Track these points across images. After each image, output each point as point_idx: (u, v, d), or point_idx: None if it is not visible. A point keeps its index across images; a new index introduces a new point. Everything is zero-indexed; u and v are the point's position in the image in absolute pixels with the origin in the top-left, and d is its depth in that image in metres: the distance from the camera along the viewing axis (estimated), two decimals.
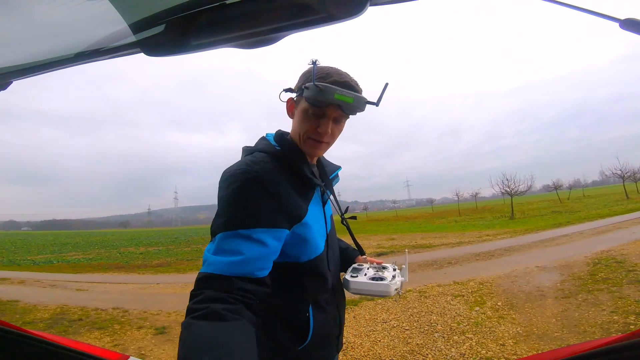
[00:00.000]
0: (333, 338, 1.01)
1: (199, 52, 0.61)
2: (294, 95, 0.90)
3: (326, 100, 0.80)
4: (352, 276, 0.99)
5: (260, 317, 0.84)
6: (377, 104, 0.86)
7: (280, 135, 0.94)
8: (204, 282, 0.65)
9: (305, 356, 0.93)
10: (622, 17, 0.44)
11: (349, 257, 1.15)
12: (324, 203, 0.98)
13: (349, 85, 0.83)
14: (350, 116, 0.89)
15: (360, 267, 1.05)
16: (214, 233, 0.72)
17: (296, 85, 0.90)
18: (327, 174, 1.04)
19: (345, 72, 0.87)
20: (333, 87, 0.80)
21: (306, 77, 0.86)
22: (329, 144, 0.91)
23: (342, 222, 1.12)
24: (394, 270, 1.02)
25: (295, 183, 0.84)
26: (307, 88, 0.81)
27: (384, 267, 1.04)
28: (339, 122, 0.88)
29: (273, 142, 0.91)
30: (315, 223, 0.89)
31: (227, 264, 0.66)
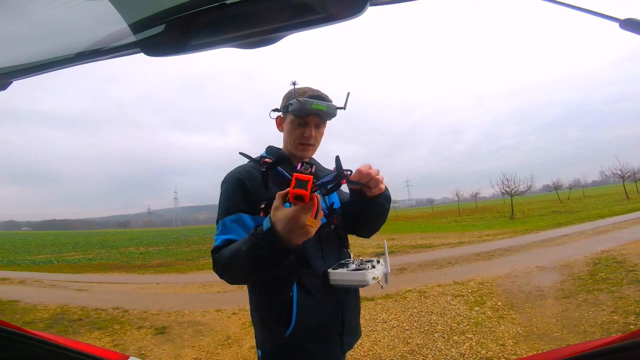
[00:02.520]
0: (333, 334, 1.03)
1: (199, 52, 0.61)
2: (280, 113, 1.14)
3: (307, 110, 1.03)
4: (333, 269, 1.03)
5: (257, 303, 1.04)
6: (344, 107, 1.09)
7: (270, 148, 1.19)
8: (216, 249, 0.98)
9: (297, 347, 0.96)
10: (622, 17, 0.44)
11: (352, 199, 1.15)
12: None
13: (322, 97, 1.07)
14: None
15: (346, 262, 1.09)
16: (217, 221, 1.01)
17: (281, 105, 1.13)
18: (319, 178, 1.17)
19: (317, 89, 1.11)
20: (310, 100, 1.03)
21: (288, 97, 1.09)
22: (314, 146, 1.13)
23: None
24: (378, 262, 1.06)
25: (278, 181, 1.03)
26: (291, 104, 1.04)
27: (369, 261, 1.07)
28: (319, 127, 1.11)
29: (264, 154, 1.15)
30: None
31: (223, 240, 0.97)
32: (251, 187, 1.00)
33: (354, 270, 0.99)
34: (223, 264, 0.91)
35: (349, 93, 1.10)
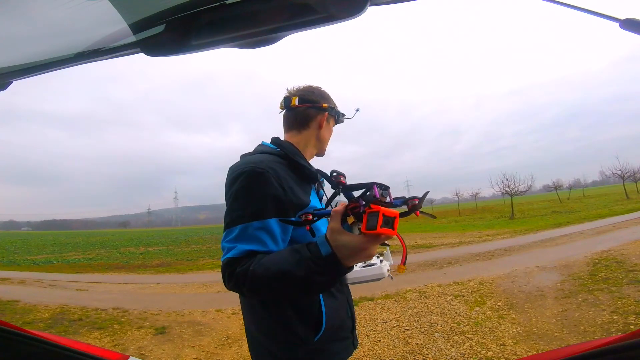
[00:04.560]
0: (347, 331, 1.05)
1: (199, 52, 0.61)
2: (326, 114, 1.11)
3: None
4: None
5: (276, 311, 0.93)
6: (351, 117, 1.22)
7: (277, 139, 1.06)
8: (233, 261, 0.80)
9: (324, 350, 0.96)
10: (622, 17, 0.44)
11: None
12: (320, 198, 1.08)
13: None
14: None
15: None
16: (232, 224, 0.82)
17: (329, 104, 1.09)
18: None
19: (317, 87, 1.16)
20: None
21: (333, 103, 1.13)
22: None
23: None
24: (378, 257, 1.10)
25: (296, 177, 0.95)
26: (344, 115, 1.17)
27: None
28: None
29: (271, 146, 1.03)
30: None
31: (243, 250, 0.79)
32: (283, 188, 0.87)
33: (365, 266, 1.02)
34: (254, 282, 0.74)
35: (357, 109, 1.19)
